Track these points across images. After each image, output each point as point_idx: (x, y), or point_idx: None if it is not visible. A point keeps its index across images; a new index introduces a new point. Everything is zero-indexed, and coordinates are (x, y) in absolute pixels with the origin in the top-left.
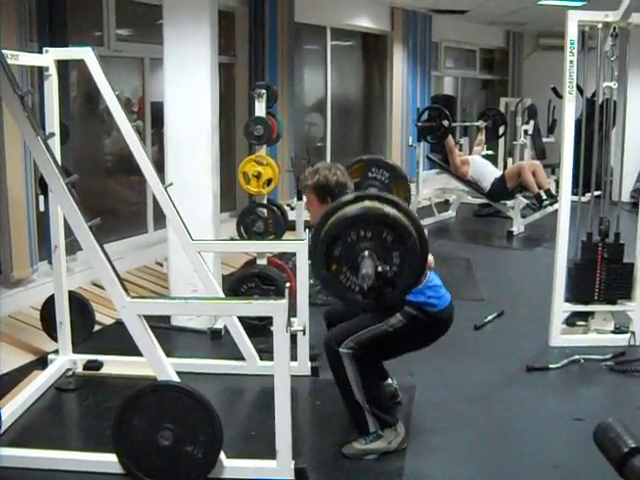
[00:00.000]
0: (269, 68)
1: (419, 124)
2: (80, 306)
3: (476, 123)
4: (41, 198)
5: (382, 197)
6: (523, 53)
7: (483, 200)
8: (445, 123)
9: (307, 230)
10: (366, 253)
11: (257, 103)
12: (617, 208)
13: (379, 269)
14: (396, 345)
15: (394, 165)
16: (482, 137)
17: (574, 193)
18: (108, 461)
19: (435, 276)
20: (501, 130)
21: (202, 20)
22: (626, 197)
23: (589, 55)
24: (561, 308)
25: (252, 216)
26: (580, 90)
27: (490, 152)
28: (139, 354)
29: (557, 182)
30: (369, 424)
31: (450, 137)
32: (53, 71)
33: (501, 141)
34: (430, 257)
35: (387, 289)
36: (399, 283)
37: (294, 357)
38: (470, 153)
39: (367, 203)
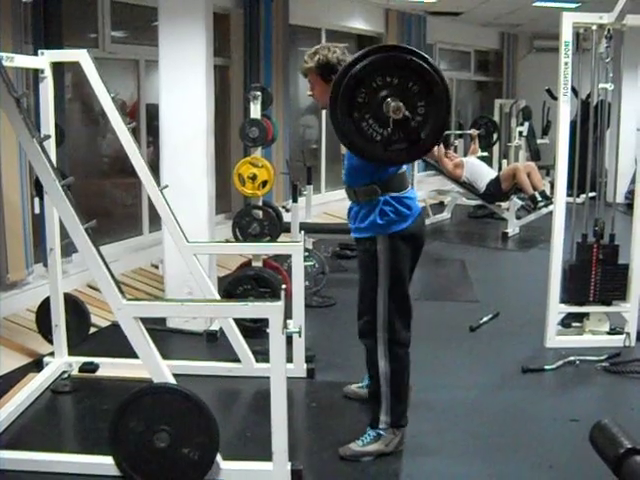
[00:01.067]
0: (264, 70)
1: None
2: (76, 308)
3: (469, 131)
4: (36, 200)
5: (410, 49)
6: (518, 55)
7: (478, 202)
8: None
9: (302, 232)
10: (392, 98)
11: (252, 105)
12: (612, 209)
13: (406, 114)
14: (400, 277)
15: None
16: (475, 146)
17: (569, 194)
18: (104, 463)
19: (412, 191)
20: (494, 137)
21: (197, 22)
22: (621, 198)
23: (584, 57)
24: (556, 309)
25: (247, 218)
26: (575, 92)
27: (485, 154)
28: (135, 356)
29: (552, 183)
30: (380, 420)
31: (440, 146)
32: (48, 73)
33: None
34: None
35: (409, 140)
36: (422, 134)
37: (290, 359)
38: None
39: (395, 52)
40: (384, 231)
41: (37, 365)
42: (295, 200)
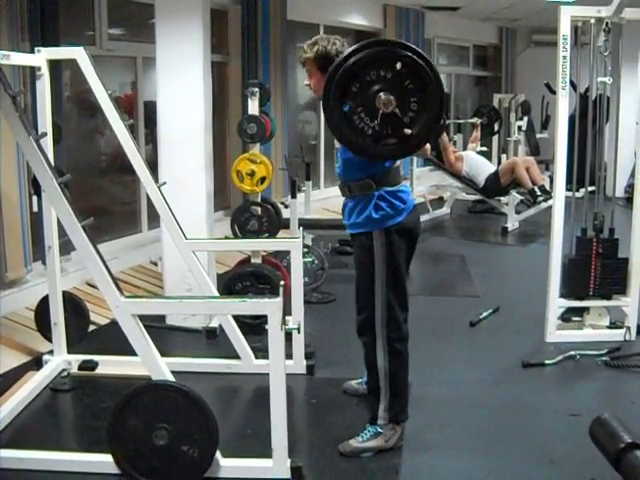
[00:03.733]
0: (262, 66)
1: None
2: (75, 306)
3: (471, 120)
4: (34, 198)
5: (406, 45)
6: (516, 49)
7: (478, 197)
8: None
9: (301, 228)
10: (384, 93)
11: (250, 101)
12: (611, 203)
13: (396, 111)
14: (397, 271)
15: None
16: (477, 134)
17: (568, 189)
18: (104, 461)
19: (405, 185)
20: (496, 126)
21: (194, 19)
22: (620, 192)
23: (582, 51)
24: (556, 304)
25: (246, 214)
26: (573, 86)
27: (484, 148)
28: (134, 354)
29: (551, 178)
30: (379, 417)
31: (444, 135)
32: (45, 71)
33: (495, 137)
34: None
35: (399, 136)
36: (413, 131)
37: (289, 355)
38: (464, 149)
39: (390, 46)
40: (380, 225)
41: (36, 363)
42: (294, 196)
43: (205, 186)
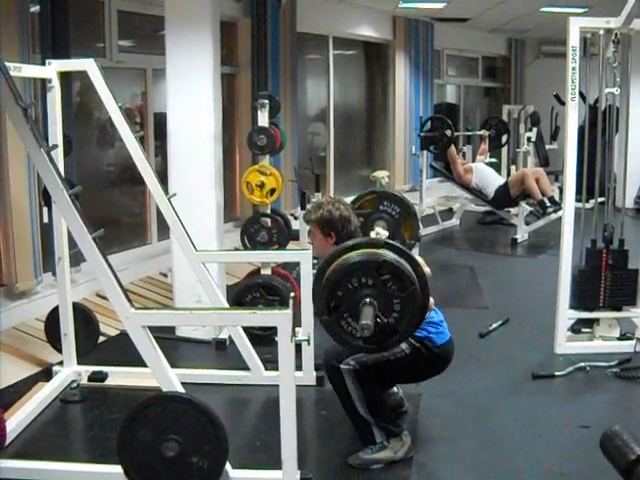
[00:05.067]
0: (272, 78)
1: (422, 134)
2: (84, 317)
3: (479, 132)
4: (45, 209)
5: (385, 243)
6: (525, 60)
7: (487, 208)
8: (448, 133)
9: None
10: (367, 300)
11: (260, 113)
12: (621, 214)
13: (378, 320)
14: (395, 373)
15: (406, 201)
16: (485, 146)
17: (578, 200)
18: (114, 472)
19: (436, 313)
20: (504, 139)
21: (204, 31)
22: (630, 203)
23: (591, 61)
24: (566, 315)
25: (256, 226)
26: (583, 97)
27: (493, 160)
28: (144, 365)
29: (561, 189)
30: (375, 435)
31: (452, 147)
32: (56, 83)
33: (504, 148)
34: (427, 269)
35: (386, 337)
36: (400, 329)
37: (299, 367)
38: (473, 161)
39: (370, 250)
40: (417, 338)
41: (46, 374)
42: (303, 207)
43: (215, 198)
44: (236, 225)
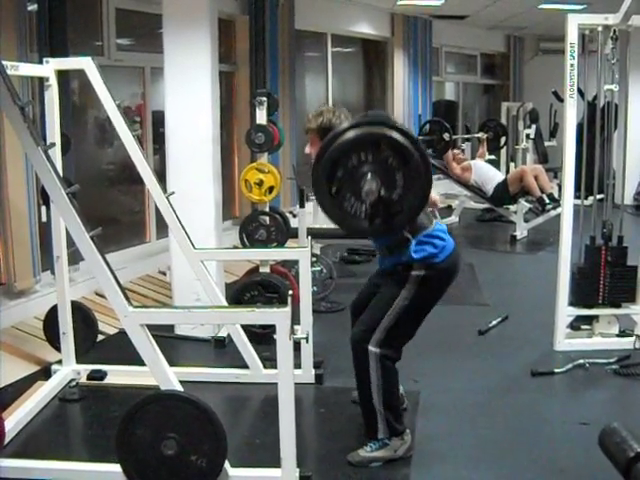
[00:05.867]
0: (270, 76)
1: (420, 137)
2: (83, 316)
3: (477, 135)
4: (43, 208)
5: (380, 121)
6: (524, 57)
7: (486, 205)
8: (446, 136)
9: (310, 237)
10: (368, 175)
11: (258, 111)
12: (620, 211)
13: (382, 193)
14: (418, 312)
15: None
16: (483, 149)
17: (577, 197)
18: (112, 471)
19: (439, 224)
20: (502, 141)
21: (202, 29)
22: (629, 200)
23: (590, 58)
24: (565, 312)
25: (254, 224)
26: (581, 93)
27: (492, 157)
28: (143, 364)
29: (560, 186)
30: (379, 430)
31: (449, 152)
32: (53, 81)
33: None
34: (435, 195)
35: (391, 215)
36: (405, 204)
37: (298, 365)
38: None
39: (365, 128)
40: (421, 261)
41: (45, 373)
42: (302, 205)
43: (213, 196)
44: (235, 223)
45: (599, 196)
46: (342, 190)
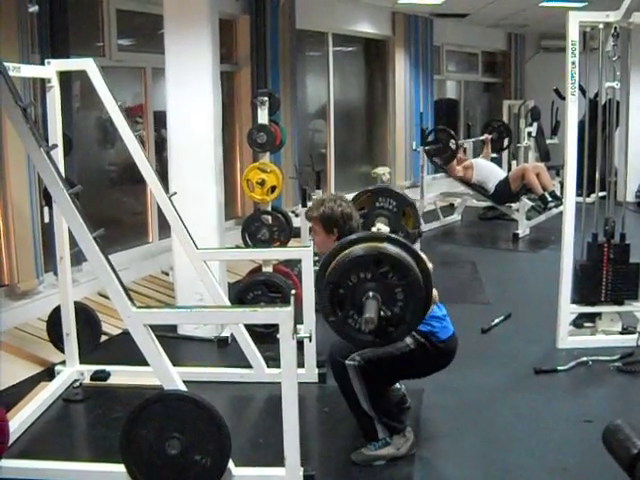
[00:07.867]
0: (271, 75)
1: (426, 148)
2: (86, 317)
3: (481, 137)
4: (46, 209)
5: (387, 237)
6: (525, 55)
7: (488, 203)
8: (452, 145)
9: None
10: (370, 294)
11: (260, 111)
12: (622, 208)
13: (382, 313)
14: (400, 369)
15: (401, 193)
16: (488, 150)
17: (579, 194)
18: (116, 471)
19: (439, 308)
20: (506, 142)
21: (203, 29)
22: (631, 197)
23: (591, 56)
24: (568, 310)
25: (257, 224)
26: (583, 91)
27: (494, 155)
28: (146, 364)
29: (562, 183)
30: (378, 431)
31: (454, 162)
32: (55, 82)
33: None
34: (434, 292)
35: (394, 327)
36: (405, 318)
37: (301, 364)
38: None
39: (363, 244)
40: (422, 330)
41: (49, 374)
42: (304, 205)
43: (215, 195)
44: (237, 223)
45: (601, 193)
46: (345, 306)
